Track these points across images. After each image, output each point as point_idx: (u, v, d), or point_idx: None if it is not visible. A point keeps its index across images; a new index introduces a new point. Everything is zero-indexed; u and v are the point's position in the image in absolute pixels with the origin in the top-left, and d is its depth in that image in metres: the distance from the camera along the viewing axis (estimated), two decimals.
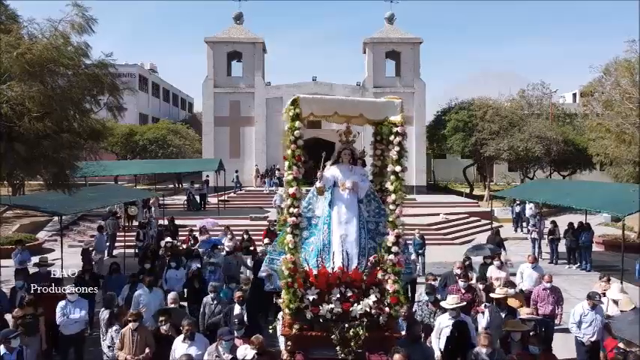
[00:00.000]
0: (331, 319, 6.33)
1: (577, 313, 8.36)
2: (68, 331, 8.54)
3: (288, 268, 6.38)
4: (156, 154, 32.64)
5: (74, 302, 8.61)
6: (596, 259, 17.07)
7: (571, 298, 12.10)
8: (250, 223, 22.49)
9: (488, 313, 8.21)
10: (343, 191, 7.00)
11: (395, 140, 6.69)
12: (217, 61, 33.76)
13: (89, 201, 16.16)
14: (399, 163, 6.64)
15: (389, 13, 34.59)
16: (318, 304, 6.37)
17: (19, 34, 9.43)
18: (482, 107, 32.34)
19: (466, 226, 23.87)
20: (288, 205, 6.58)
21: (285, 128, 6.68)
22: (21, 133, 8.97)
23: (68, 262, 14.35)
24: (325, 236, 6.98)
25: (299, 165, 6.55)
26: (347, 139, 7.43)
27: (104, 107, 10.87)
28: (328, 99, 7.25)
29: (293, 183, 6.53)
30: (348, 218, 6.93)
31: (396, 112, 6.82)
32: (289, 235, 6.50)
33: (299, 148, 6.55)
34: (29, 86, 8.81)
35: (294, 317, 6.39)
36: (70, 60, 9.76)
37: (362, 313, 6.35)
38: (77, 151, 10.68)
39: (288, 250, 6.47)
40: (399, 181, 6.60)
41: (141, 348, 7.24)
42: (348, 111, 7.10)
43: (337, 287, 6.45)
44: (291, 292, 6.36)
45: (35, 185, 27.59)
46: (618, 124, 14.61)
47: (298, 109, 6.59)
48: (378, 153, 7.66)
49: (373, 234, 7.11)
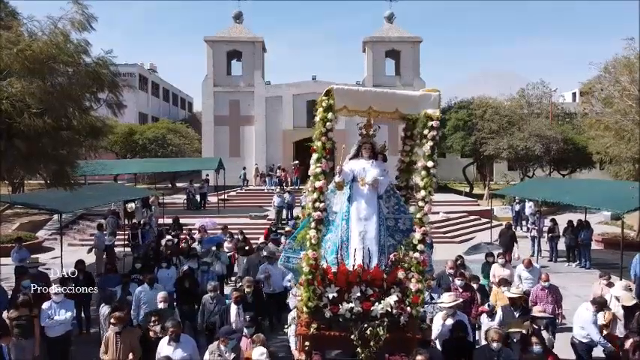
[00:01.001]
0: (351, 319, 6.13)
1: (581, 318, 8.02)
2: (53, 332, 8.28)
3: (309, 264, 6.14)
4: (155, 153, 32.65)
5: (59, 303, 8.34)
6: (596, 257, 17.09)
7: (570, 295, 12.13)
8: (250, 221, 22.63)
9: (501, 312, 8.03)
10: (363, 186, 6.81)
11: (429, 135, 6.44)
12: (217, 61, 33.77)
13: (89, 199, 16.17)
14: (431, 158, 6.41)
15: (388, 12, 34.64)
16: (338, 303, 6.17)
17: (19, 31, 9.44)
18: (482, 106, 32.37)
19: (466, 225, 23.90)
20: (314, 198, 6.32)
21: (316, 119, 6.40)
22: (21, 130, 8.98)
23: (68, 260, 14.37)
24: (344, 233, 6.77)
25: (328, 158, 6.35)
26: (367, 133, 7.19)
27: (104, 104, 10.87)
28: (363, 90, 6.97)
29: (321, 176, 6.31)
30: (367, 214, 6.72)
31: (433, 106, 6.56)
32: (312, 230, 6.25)
33: (330, 141, 6.33)
34: (29, 83, 8.82)
35: (312, 316, 6.18)
36: (70, 57, 9.77)
37: (383, 312, 6.14)
38: (77, 148, 10.69)
39: (310, 246, 6.22)
40: (430, 177, 6.41)
41: (125, 352, 6.97)
42: (383, 105, 6.81)
43: (357, 285, 6.24)
44: (311, 289, 6.14)
45: (35, 185, 27.64)
46: (617, 120, 14.62)
47: (332, 100, 6.32)
48: (407, 149, 7.43)
49: (392, 231, 6.95)
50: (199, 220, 19.80)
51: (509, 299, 8.37)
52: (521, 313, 8.14)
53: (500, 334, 6.47)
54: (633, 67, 13.43)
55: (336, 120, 6.43)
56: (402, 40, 34.03)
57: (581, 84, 19.16)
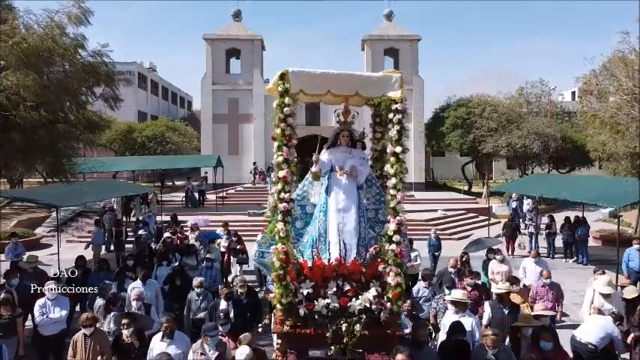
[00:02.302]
0: (327, 316, 5.73)
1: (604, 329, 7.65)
2: (47, 331, 7.91)
3: (279, 259, 5.75)
4: (154, 151, 32.70)
5: (54, 300, 7.97)
6: (593, 254, 17.12)
7: (567, 290, 12.10)
8: (248, 219, 22.63)
9: (489, 309, 7.72)
10: (341, 176, 6.44)
11: (394, 118, 6.05)
12: (216, 59, 33.75)
13: (86, 195, 16.20)
14: (399, 143, 6.03)
15: (387, 11, 34.60)
16: (313, 299, 5.79)
17: (15, 24, 9.47)
18: (481, 104, 32.36)
19: (464, 222, 23.95)
20: (278, 189, 5.93)
21: (274, 105, 6.01)
22: (17, 123, 9.02)
23: (66, 256, 14.38)
24: (321, 225, 6.41)
25: (289, 145, 5.95)
26: (345, 120, 6.73)
27: (100, 98, 10.91)
28: (320, 72, 6.32)
29: (283, 165, 5.92)
30: (346, 206, 6.36)
31: (395, 88, 6.16)
32: (280, 222, 5.86)
33: (289, 127, 5.92)
34: (25, 76, 8.88)
35: (286, 313, 5.80)
36: (66, 51, 9.84)
37: (361, 308, 5.75)
38: (73, 141, 10.73)
39: (279, 240, 5.82)
40: (399, 163, 6.02)
41: (94, 355, 6.56)
42: (342, 89, 6.37)
43: (334, 280, 5.87)
44: (283, 285, 5.74)
45: (33, 182, 27.69)
46: (612, 115, 14.62)
47: (287, 83, 5.91)
48: (377, 136, 7.04)
49: (372, 222, 6.60)
50: (195, 218, 19.73)
51: (496, 295, 8.09)
52: (510, 310, 7.76)
53: (497, 340, 6.12)
54: (628, 60, 13.45)
55: (295, 105, 6.03)
56: (401, 38, 33.99)
57: (575, 78, 19.14)
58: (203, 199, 27.06)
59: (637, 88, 13.07)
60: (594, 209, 22.93)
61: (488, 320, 7.61)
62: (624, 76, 13.28)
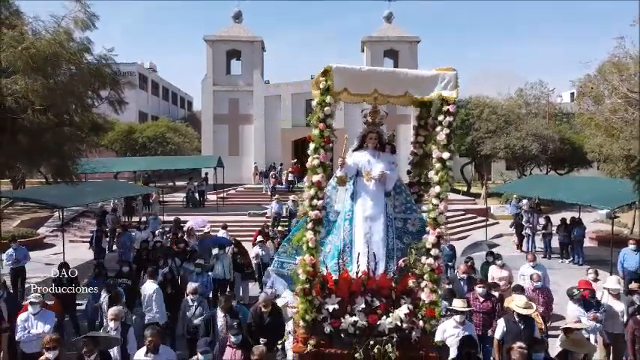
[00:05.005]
0: (354, 334, 5.26)
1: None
2: (29, 348, 7.22)
3: (306, 271, 5.22)
4: (155, 151, 32.86)
5: (37, 314, 7.29)
6: (590, 254, 17.32)
7: (563, 291, 12.30)
8: (248, 219, 22.84)
9: (504, 323, 7.19)
10: (368, 182, 5.93)
11: (445, 121, 5.47)
12: (216, 60, 33.97)
13: (89, 195, 16.42)
14: (447, 148, 5.46)
15: (387, 12, 34.81)
16: (339, 316, 5.30)
17: (24, 30, 9.69)
18: (479, 106, 32.55)
19: (462, 223, 24.11)
20: (311, 195, 5.36)
21: (314, 103, 5.49)
22: (24, 126, 9.23)
23: (69, 256, 14.60)
24: (346, 234, 5.90)
25: (327, 149, 5.40)
26: (373, 121, 6.19)
27: (105, 101, 11.13)
28: (367, 70, 5.76)
29: (318, 169, 5.35)
30: (373, 214, 5.85)
31: (448, 87, 5.51)
32: (310, 231, 5.30)
33: (328, 128, 5.36)
34: (33, 80, 9.06)
35: (309, 331, 5.29)
36: (73, 55, 10.04)
37: (391, 327, 5.26)
38: (78, 144, 10.94)
39: (307, 250, 5.30)
40: (445, 170, 5.49)
41: None
42: (391, 88, 5.69)
43: (362, 296, 5.37)
44: (308, 300, 5.24)
45: (35, 183, 27.87)
46: (607, 118, 14.88)
47: (330, 80, 5.30)
48: (420, 140, 6.51)
49: (400, 232, 6.05)
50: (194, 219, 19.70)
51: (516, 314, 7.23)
52: (525, 325, 7.13)
53: (525, 355, 5.70)
54: (622, 65, 13.69)
55: (336, 105, 5.46)
56: (401, 39, 34.20)
57: (572, 82, 19.38)
58: (203, 200, 27.26)
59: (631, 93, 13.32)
60: (592, 210, 23.17)
61: (501, 335, 7.20)
62: (618, 80, 13.53)
